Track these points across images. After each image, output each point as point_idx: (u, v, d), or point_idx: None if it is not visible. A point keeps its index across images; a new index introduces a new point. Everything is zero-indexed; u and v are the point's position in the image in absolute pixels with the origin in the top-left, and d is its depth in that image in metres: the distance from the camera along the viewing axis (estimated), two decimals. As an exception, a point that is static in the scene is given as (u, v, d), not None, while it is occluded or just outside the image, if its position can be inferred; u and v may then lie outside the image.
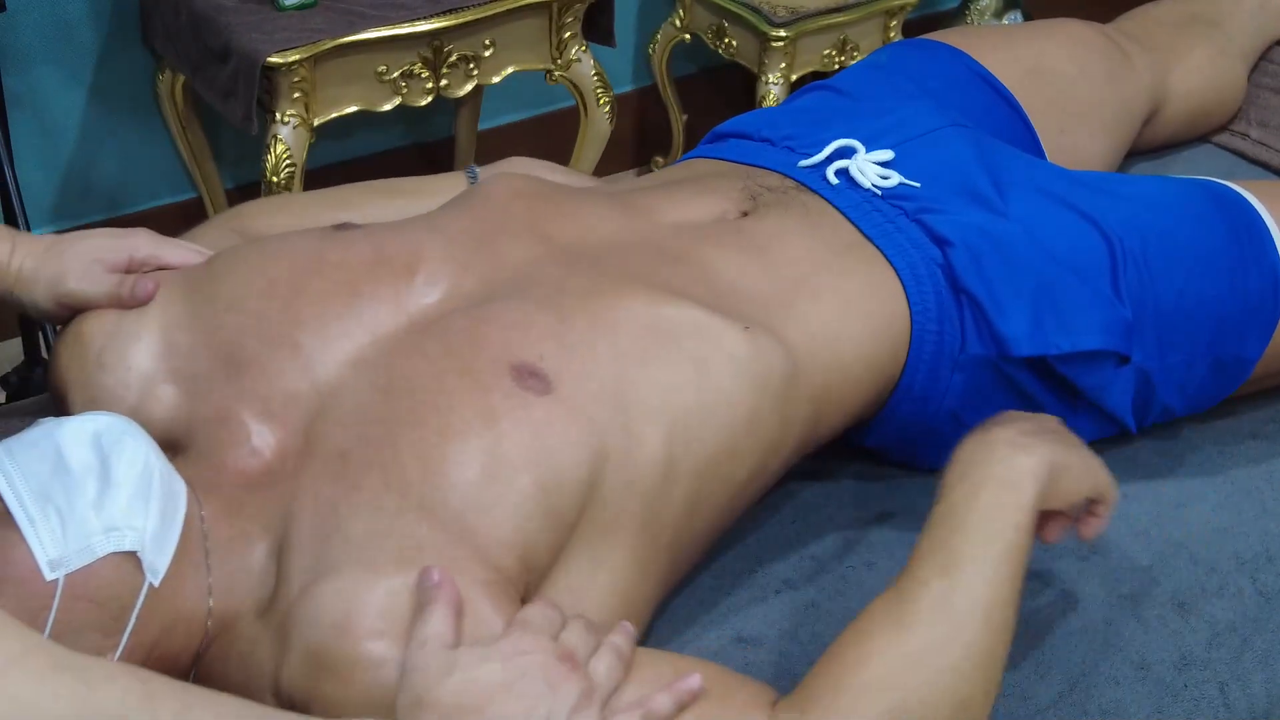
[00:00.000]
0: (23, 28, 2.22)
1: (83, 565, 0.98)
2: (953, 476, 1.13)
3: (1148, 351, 1.37)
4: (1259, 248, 1.43)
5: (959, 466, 1.13)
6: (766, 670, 1.19)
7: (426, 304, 1.18)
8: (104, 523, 0.99)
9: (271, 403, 1.13)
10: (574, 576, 1.08)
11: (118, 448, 1.03)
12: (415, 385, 1.10)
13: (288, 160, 2.05)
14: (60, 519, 0.98)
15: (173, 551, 1.03)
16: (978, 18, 2.94)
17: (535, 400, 1.09)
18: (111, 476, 1.01)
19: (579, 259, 1.24)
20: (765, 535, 1.33)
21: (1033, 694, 1.20)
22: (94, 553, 0.99)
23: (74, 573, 0.98)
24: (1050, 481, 1.12)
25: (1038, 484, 1.11)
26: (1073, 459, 1.15)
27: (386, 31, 2.06)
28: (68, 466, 1.00)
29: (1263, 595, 1.31)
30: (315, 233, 1.26)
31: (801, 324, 1.25)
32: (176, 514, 1.05)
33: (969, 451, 1.14)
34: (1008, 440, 1.13)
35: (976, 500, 1.10)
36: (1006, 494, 1.10)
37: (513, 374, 1.10)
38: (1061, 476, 1.13)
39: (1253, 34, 1.96)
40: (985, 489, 1.10)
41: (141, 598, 1.01)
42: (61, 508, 0.99)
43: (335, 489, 1.07)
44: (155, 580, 1.02)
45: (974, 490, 1.10)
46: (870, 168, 1.39)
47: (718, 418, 1.16)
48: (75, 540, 0.98)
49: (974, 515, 1.09)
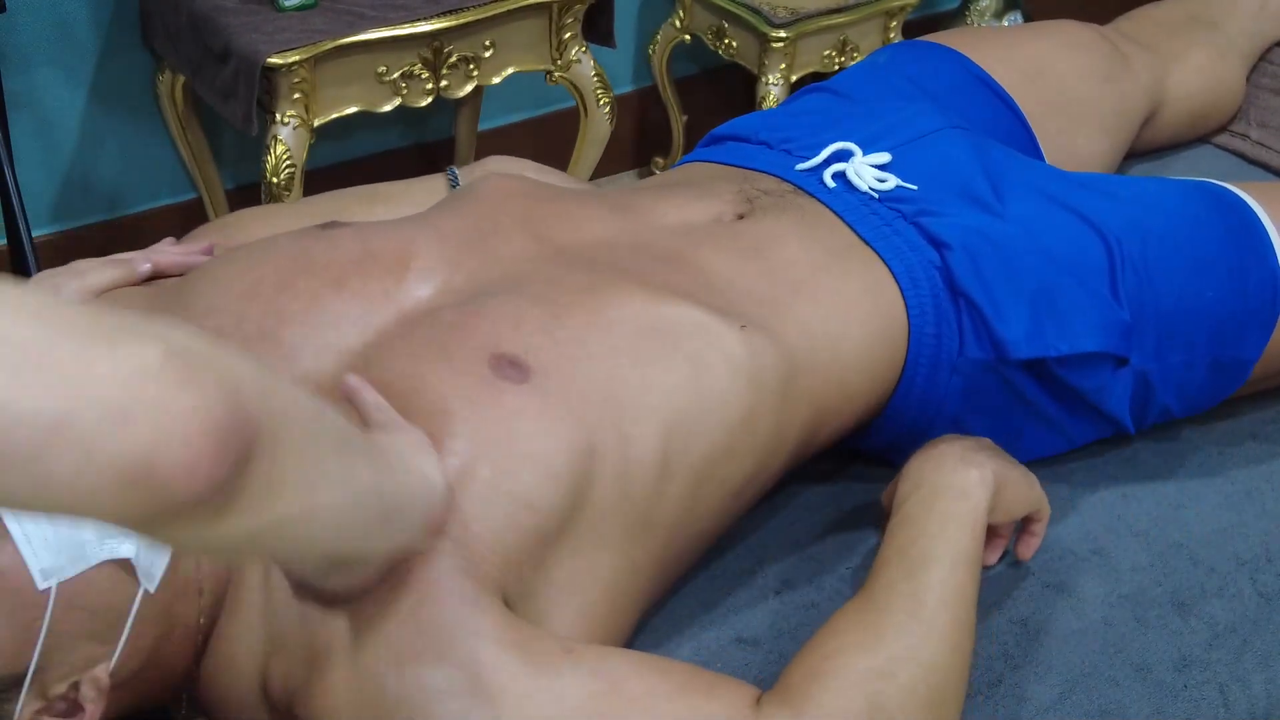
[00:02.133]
0: (23, 28, 2.22)
1: (76, 574, 0.97)
2: (905, 489, 1.20)
3: (1146, 353, 1.37)
4: (1258, 249, 1.43)
5: (910, 480, 1.20)
6: (766, 671, 1.19)
7: (417, 298, 1.18)
8: (97, 530, 0.98)
9: None
10: (563, 571, 1.08)
11: None
12: (391, 372, 1.10)
13: (288, 161, 2.05)
14: (53, 528, 0.97)
15: (168, 559, 1.03)
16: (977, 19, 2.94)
17: (510, 389, 1.08)
18: None
19: (574, 259, 1.24)
20: (765, 535, 1.33)
21: (1033, 694, 1.20)
22: (87, 560, 0.98)
23: (67, 581, 0.97)
24: (996, 494, 1.19)
25: (987, 493, 1.18)
26: (1014, 474, 1.22)
27: (386, 32, 2.06)
28: None
29: (1262, 596, 1.31)
30: (301, 233, 1.25)
31: (798, 326, 1.25)
32: None
33: (918, 467, 1.21)
34: (955, 455, 1.20)
35: (933, 509, 1.16)
36: (960, 502, 1.17)
37: (491, 363, 1.09)
38: (1005, 490, 1.20)
39: (1252, 35, 1.96)
40: (940, 498, 1.17)
41: (136, 605, 1.01)
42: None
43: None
44: (151, 587, 1.01)
45: (929, 499, 1.17)
46: (867, 170, 1.39)
47: (714, 417, 1.16)
48: (68, 548, 0.97)
49: (932, 523, 1.15)
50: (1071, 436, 1.41)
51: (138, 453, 0.68)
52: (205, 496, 0.71)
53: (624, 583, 1.12)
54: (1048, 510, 1.26)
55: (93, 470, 0.67)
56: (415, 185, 1.46)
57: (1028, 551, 1.27)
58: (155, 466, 0.68)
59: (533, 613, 1.06)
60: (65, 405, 0.66)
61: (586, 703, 0.98)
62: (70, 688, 0.99)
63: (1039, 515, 1.26)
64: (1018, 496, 1.22)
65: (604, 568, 1.10)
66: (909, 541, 1.14)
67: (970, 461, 1.19)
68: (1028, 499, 1.23)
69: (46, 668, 0.98)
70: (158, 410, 0.68)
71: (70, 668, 0.99)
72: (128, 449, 0.68)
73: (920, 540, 1.14)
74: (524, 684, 0.98)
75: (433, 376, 1.09)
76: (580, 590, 1.09)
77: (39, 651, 0.97)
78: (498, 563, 1.04)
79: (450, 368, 1.09)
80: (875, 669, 1.04)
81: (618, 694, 0.99)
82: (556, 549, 1.08)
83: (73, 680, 0.99)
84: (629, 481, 1.11)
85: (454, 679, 0.97)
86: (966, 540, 1.14)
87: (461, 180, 1.46)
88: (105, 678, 1.00)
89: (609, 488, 1.10)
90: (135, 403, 0.68)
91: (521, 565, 1.05)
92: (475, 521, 1.04)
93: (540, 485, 1.06)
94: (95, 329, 0.69)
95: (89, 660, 1.00)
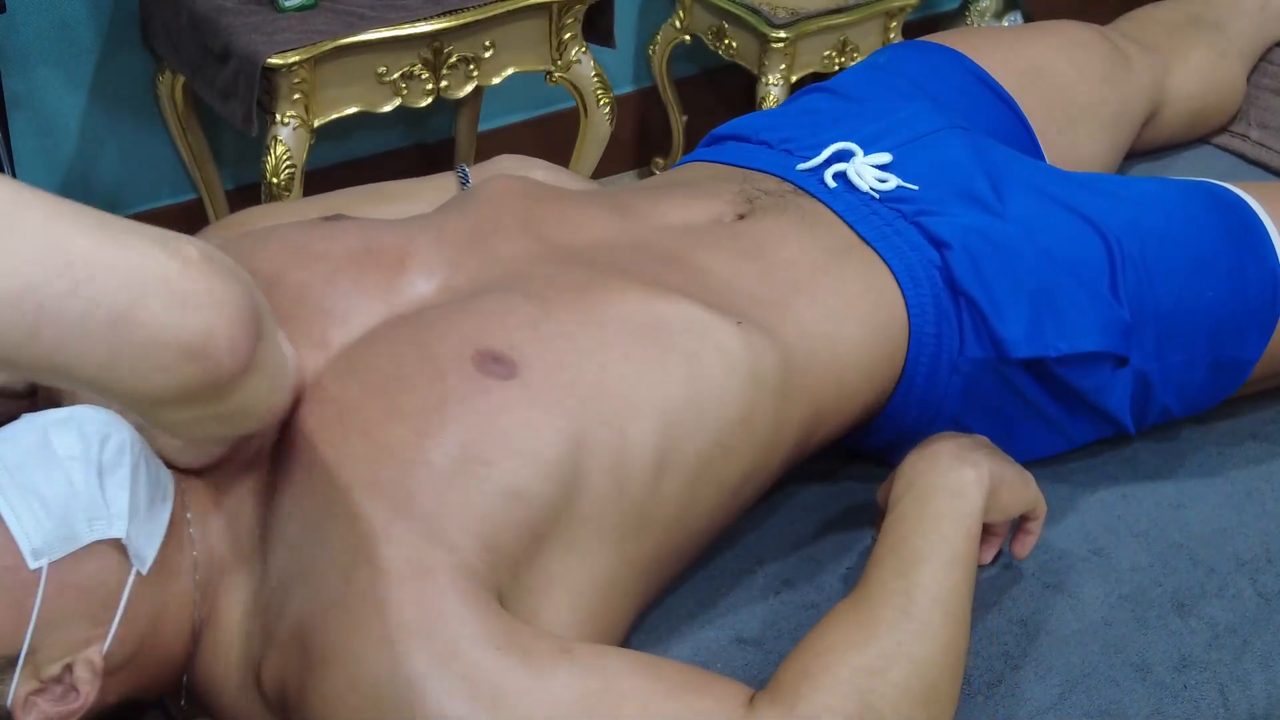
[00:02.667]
0: (23, 28, 2.22)
1: (67, 553, 0.99)
2: (900, 488, 1.19)
3: (1146, 353, 1.37)
4: (1258, 249, 1.43)
5: (905, 479, 1.20)
6: (765, 671, 1.19)
7: (411, 295, 1.19)
8: (88, 512, 1.00)
9: None
10: (555, 567, 1.08)
11: (102, 439, 1.03)
12: (373, 369, 1.10)
13: (288, 161, 2.05)
14: (45, 508, 0.99)
15: (160, 541, 1.04)
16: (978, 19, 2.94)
17: (494, 385, 1.09)
18: (96, 466, 1.02)
19: (574, 259, 1.24)
20: (765, 535, 1.33)
21: (1033, 694, 1.20)
22: (78, 540, 0.99)
23: (59, 561, 0.99)
24: (992, 493, 1.18)
25: (982, 492, 1.17)
26: (1010, 473, 1.21)
27: (387, 32, 2.06)
28: (53, 457, 1.01)
29: (1262, 596, 1.31)
30: (301, 224, 1.26)
31: (797, 325, 1.25)
32: (164, 504, 1.06)
33: (913, 465, 1.21)
34: (951, 454, 1.19)
35: (927, 508, 1.16)
36: (954, 502, 1.16)
37: (475, 359, 1.10)
38: (1001, 489, 1.19)
39: (1252, 35, 1.96)
40: (934, 498, 1.16)
41: (129, 586, 1.02)
42: (46, 497, 0.99)
43: (299, 472, 1.07)
44: (143, 569, 1.03)
45: (923, 499, 1.17)
46: (868, 170, 1.39)
47: (711, 414, 1.16)
48: (59, 528, 0.99)
49: (926, 522, 1.15)
50: (1071, 436, 1.41)
51: (198, 332, 0.86)
52: (240, 371, 0.89)
53: (620, 580, 1.12)
54: (1044, 509, 1.26)
55: (159, 346, 0.84)
56: (425, 184, 1.47)
57: (1023, 550, 1.27)
58: (210, 345, 0.86)
59: (528, 609, 1.06)
60: (137, 290, 0.83)
61: (581, 701, 0.98)
62: (64, 669, 1.01)
63: (1035, 514, 1.25)
64: (1013, 495, 1.21)
65: (599, 565, 1.10)
66: (901, 540, 1.14)
67: (965, 460, 1.19)
68: (1023, 498, 1.23)
69: (40, 648, 0.99)
70: (211, 298, 0.86)
71: (64, 649, 1.00)
72: (191, 327, 0.85)
73: (913, 539, 1.14)
74: (521, 683, 0.98)
75: (418, 375, 1.09)
76: (575, 587, 1.09)
77: (32, 631, 0.98)
78: (491, 560, 1.04)
79: (434, 365, 1.10)
80: (867, 667, 1.04)
81: (612, 693, 0.99)
82: (550, 544, 1.08)
83: (66, 661, 1.00)
84: (624, 477, 1.11)
85: (451, 679, 0.97)
86: (960, 539, 1.14)
87: (473, 179, 1.46)
88: (99, 659, 1.01)
89: (603, 482, 1.10)
90: (194, 291, 0.85)
91: (516, 562, 1.05)
92: (467, 518, 1.04)
93: (530, 478, 1.06)
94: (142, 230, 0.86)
95: (83, 642, 1.01)
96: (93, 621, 1.01)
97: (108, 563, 1.01)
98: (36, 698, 1.00)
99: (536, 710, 0.97)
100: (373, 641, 0.98)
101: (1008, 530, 1.27)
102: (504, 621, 1.01)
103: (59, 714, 1.01)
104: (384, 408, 1.07)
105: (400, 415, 1.07)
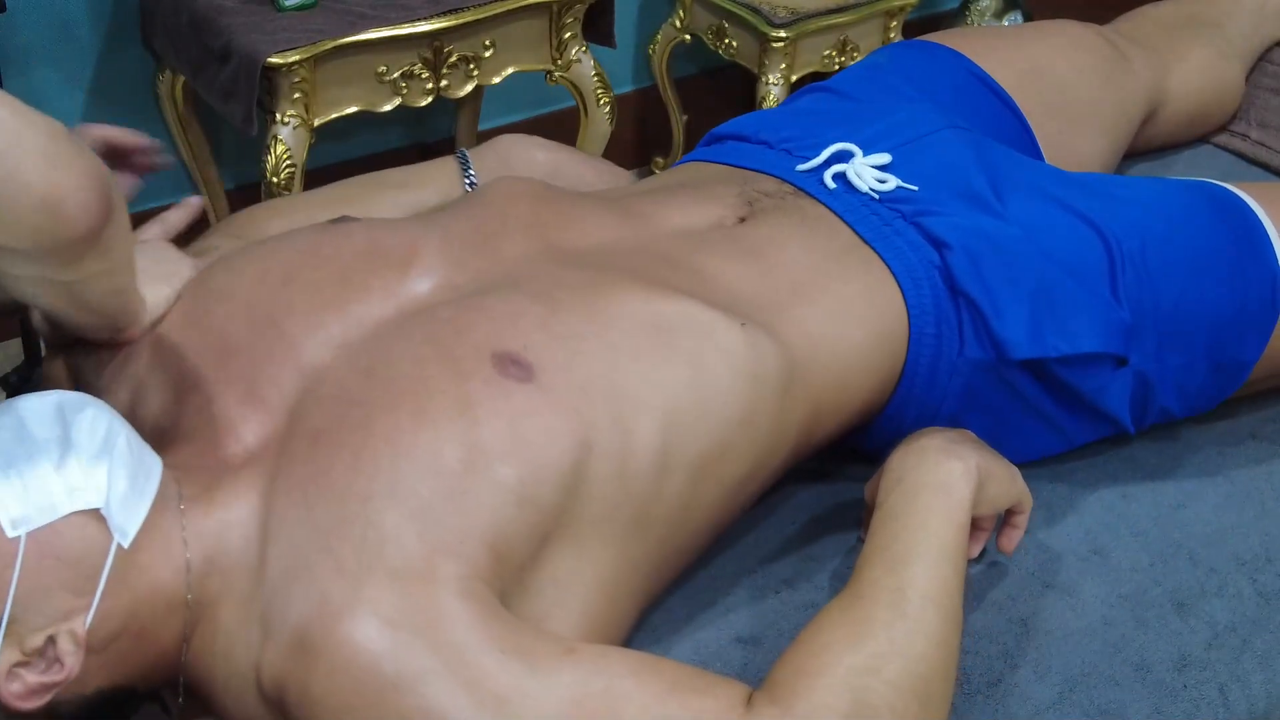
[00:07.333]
0: (23, 28, 2.22)
1: (45, 524, 0.99)
2: (888, 483, 1.20)
3: (1146, 354, 1.37)
4: (1257, 250, 1.43)
5: (893, 474, 1.20)
6: (765, 671, 1.19)
7: (418, 294, 1.20)
8: (66, 483, 1.01)
9: (255, 386, 1.14)
10: (559, 568, 1.08)
11: (79, 415, 1.04)
12: (395, 369, 1.11)
13: (288, 161, 2.05)
14: (23, 480, 1.00)
15: (143, 517, 1.04)
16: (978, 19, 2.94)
17: (516, 388, 1.09)
18: (74, 441, 1.03)
19: (577, 260, 1.24)
20: (765, 535, 1.33)
21: (1033, 694, 1.20)
22: (56, 511, 1.00)
23: (37, 531, 0.99)
24: (979, 486, 1.18)
25: (970, 485, 1.17)
26: (996, 466, 1.22)
27: (387, 32, 2.06)
28: (31, 434, 1.02)
29: (1262, 596, 1.31)
30: (312, 228, 1.28)
31: (799, 326, 1.25)
32: (148, 482, 1.06)
33: (900, 460, 1.21)
34: (937, 448, 1.20)
35: (915, 503, 1.16)
36: (942, 496, 1.16)
37: (494, 362, 1.10)
38: (988, 482, 1.19)
39: (1251, 35, 1.96)
40: (922, 493, 1.17)
41: (110, 558, 1.02)
42: (24, 470, 1.00)
43: (305, 470, 1.07)
44: (124, 542, 1.03)
45: (911, 494, 1.17)
46: (868, 171, 1.39)
47: (713, 414, 1.17)
48: (37, 499, 1.00)
49: (915, 517, 1.15)
50: (1071, 436, 1.41)
51: (58, 185, 0.94)
52: (89, 234, 0.97)
53: (623, 579, 1.12)
54: (1030, 502, 1.26)
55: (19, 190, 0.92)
56: (426, 170, 1.48)
57: (1010, 544, 1.27)
58: (65, 201, 0.94)
59: (532, 611, 1.06)
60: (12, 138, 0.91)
61: (582, 701, 0.99)
62: (48, 641, 1.01)
63: (1021, 508, 1.26)
64: (1000, 489, 1.22)
65: (603, 565, 1.11)
66: (892, 537, 1.14)
67: (952, 454, 1.19)
68: (1010, 492, 1.23)
69: (20, 619, 1.00)
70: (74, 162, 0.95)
71: (46, 619, 1.00)
72: (53, 180, 0.93)
73: (903, 535, 1.14)
74: (524, 684, 0.98)
75: (441, 379, 1.09)
76: (579, 587, 1.09)
77: (11, 601, 0.99)
78: (497, 563, 1.04)
79: (455, 368, 1.10)
80: (862, 665, 1.04)
81: (614, 693, 1.00)
82: (555, 546, 1.08)
83: (49, 633, 1.00)
84: (628, 477, 1.11)
85: (454, 681, 0.98)
86: (950, 534, 1.14)
87: (474, 161, 1.47)
88: (82, 631, 1.01)
89: (608, 484, 1.10)
90: (61, 153, 0.94)
91: (521, 564, 1.06)
92: (476, 522, 1.04)
93: (542, 483, 1.07)
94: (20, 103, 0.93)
95: (65, 613, 1.01)
96: (75, 592, 1.01)
97: (88, 533, 1.02)
98: (21, 669, 1.01)
99: (539, 711, 0.98)
100: (375, 643, 0.98)
101: (994, 524, 1.27)
102: (507, 623, 1.01)
103: (43, 684, 1.01)
104: (410, 411, 1.08)
105: (425, 419, 1.07)
